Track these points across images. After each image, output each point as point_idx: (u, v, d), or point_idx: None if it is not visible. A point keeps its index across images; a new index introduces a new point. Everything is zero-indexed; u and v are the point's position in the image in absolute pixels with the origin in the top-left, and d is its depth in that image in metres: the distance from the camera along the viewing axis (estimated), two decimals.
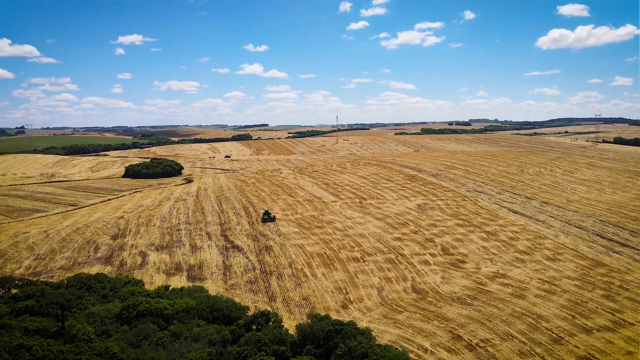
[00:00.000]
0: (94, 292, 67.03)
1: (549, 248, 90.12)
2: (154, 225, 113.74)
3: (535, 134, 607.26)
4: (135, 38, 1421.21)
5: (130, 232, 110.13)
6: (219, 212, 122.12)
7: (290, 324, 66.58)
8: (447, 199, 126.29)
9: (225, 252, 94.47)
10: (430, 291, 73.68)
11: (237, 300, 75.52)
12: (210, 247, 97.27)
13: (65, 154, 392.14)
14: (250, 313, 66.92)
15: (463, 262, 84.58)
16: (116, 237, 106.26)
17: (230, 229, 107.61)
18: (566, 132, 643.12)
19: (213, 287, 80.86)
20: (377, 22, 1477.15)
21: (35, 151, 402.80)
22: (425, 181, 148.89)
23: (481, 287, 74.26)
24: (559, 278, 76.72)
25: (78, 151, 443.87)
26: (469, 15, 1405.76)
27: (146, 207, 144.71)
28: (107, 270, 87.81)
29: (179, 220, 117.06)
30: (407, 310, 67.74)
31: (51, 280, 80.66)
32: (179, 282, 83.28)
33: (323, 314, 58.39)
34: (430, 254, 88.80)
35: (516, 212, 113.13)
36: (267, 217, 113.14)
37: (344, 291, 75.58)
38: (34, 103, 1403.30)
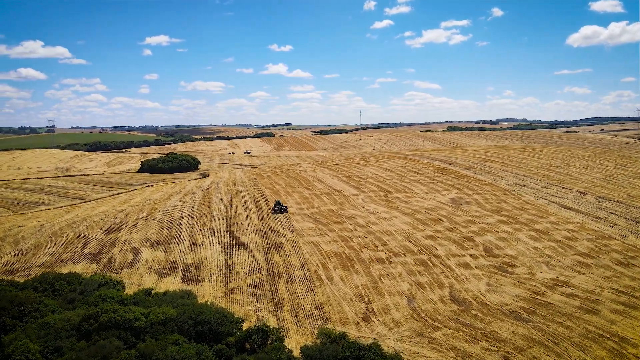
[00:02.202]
0: (60, 296, 55.12)
1: (617, 250, 73.89)
2: (153, 219, 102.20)
3: (568, 132, 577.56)
4: (162, 39, 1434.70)
5: (126, 226, 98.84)
6: (226, 206, 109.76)
7: (297, 340, 53.21)
8: (485, 193, 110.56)
9: (228, 250, 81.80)
10: (473, 301, 58.97)
11: (236, 307, 62.75)
12: (212, 244, 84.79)
13: (87, 150, 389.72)
14: (245, 326, 53.82)
15: (512, 265, 69.36)
16: (110, 232, 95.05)
17: (237, 224, 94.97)
18: (602, 130, 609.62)
19: (210, 290, 68.23)
20: (402, 20, 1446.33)
21: (58, 147, 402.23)
22: (458, 174, 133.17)
23: (539, 297, 59.10)
24: (639, 288, 60.81)
25: (100, 147, 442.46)
26: (497, 12, 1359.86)
27: (154, 201, 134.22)
28: (92, 268, 76.34)
29: (182, 213, 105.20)
30: (445, 326, 53.35)
31: (26, 279, 69.52)
32: (172, 283, 70.99)
33: (338, 332, 44.74)
34: (470, 255, 73.89)
35: (569, 208, 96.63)
36: (278, 208, 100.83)
37: (366, 299, 61.66)
38: (65, 103, 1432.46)
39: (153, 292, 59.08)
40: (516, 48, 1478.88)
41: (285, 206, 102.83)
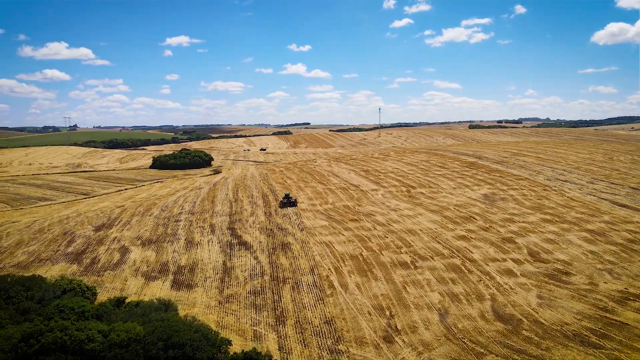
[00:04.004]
0: (12, 304, 45.24)
1: None
2: (150, 215, 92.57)
3: (596, 130, 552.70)
4: (182, 39, 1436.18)
5: (120, 222, 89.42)
6: (231, 201, 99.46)
7: None
8: (521, 189, 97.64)
9: (228, 250, 71.37)
10: (524, 319, 46.96)
11: (230, 319, 52.18)
12: (210, 243, 74.48)
13: (103, 148, 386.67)
14: (239, 344, 43.26)
15: (567, 273, 56.94)
16: (100, 228, 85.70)
17: (240, 221, 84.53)
18: (632, 128, 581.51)
19: (203, 298, 57.86)
20: (422, 19, 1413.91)
21: (75, 144, 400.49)
22: (489, 168, 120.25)
23: (608, 315, 46.75)
24: None
25: (117, 145, 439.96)
26: (519, 9, 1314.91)
27: (158, 197, 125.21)
28: (72, 269, 66.78)
29: (182, 209, 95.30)
30: (491, 352, 41.61)
31: None
32: (159, 289, 60.87)
33: None
34: (512, 259, 61.67)
35: (624, 206, 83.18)
36: (287, 201, 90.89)
37: (388, 313, 50.30)
38: (89, 104, 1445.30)
39: (127, 300, 48.85)
40: (539, 46, 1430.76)
41: (295, 199, 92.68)
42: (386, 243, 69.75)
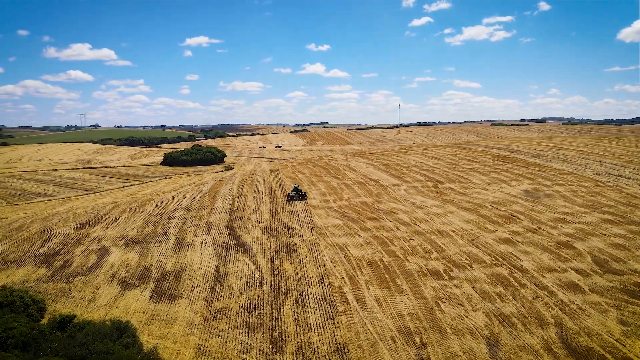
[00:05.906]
0: None
1: None
2: (142, 212, 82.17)
3: (632, 127, 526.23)
4: (202, 40, 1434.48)
5: (107, 219, 79.23)
6: (234, 196, 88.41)
7: None
8: (569, 184, 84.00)
9: (223, 253, 60.23)
10: (607, 355, 34.34)
11: (216, 343, 41.02)
12: (203, 244, 63.46)
13: (119, 145, 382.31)
14: None
15: None
16: (83, 226, 75.59)
17: (241, 219, 73.34)
18: None
19: (186, 312, 46.85)
20: (441, 17, 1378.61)
21: (91, 142, 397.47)
22: (526, 162, 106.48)
23: None
24: None
25: (134, 143, 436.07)
26: (543, 6, 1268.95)
27: (160, 193, 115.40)
28: (38, 274, 56.56)
29: (178, 205, 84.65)
30: None
31: None
32: (136, 299, 50.13)
33: None
34: (575, 270, 48.80)
35: None
36: (296, 195, 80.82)
37: (418, 339, 38.28)
38: (111, 104, 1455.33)
39: (76, 320, 37.88)
40: (563, 44, 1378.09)
41: (305, 193, 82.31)
42: (412, 247, 57.55)
